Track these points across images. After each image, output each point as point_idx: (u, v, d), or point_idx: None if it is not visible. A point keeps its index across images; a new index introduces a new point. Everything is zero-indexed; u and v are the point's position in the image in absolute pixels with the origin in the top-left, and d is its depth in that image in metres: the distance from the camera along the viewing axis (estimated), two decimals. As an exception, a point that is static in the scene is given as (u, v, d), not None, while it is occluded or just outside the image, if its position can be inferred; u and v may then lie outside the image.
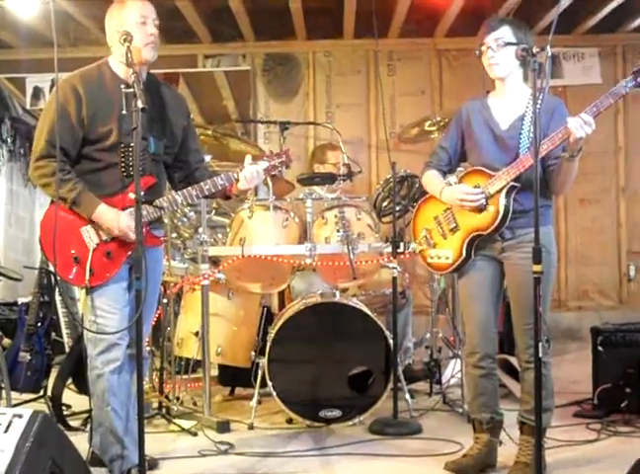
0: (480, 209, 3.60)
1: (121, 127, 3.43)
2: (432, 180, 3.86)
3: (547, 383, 3.57)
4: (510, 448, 3.80)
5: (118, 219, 3.40)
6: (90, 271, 3.40)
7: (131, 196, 3.31)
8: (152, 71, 3.69)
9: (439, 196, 3.77)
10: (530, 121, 3.52)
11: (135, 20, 3.47)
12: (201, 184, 3.57)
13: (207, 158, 4.35)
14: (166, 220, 4.88)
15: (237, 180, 3.61)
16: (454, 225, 3.71)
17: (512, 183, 3.50)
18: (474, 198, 3.58)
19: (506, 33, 3.58)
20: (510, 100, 3.67)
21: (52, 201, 3.46)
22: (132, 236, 3.30)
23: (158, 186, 3.56)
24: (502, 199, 3.52)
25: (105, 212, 3.41)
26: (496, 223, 3.55)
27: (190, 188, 3.57)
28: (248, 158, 3.69)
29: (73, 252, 3.41)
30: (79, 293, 3.67)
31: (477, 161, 3.70)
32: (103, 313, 3.43)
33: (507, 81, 3.66)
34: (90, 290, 3.42)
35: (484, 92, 3.82)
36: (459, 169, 3.96)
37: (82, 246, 3.42)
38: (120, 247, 3.47)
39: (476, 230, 3.62)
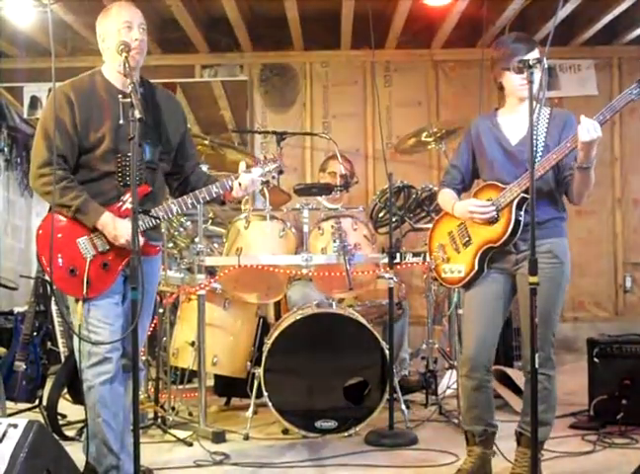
0: (491, 222, 3.60)
1: (115, 134, 3.42)
2: (445, 197, 3.87)
3: (550, 397, 3.56)
4: (503, 462, 3.79)
5: (121, 227, 3.39)
6: (87, 282, 3.39)
7: (128, 205, 3.31)
8: (150, 81, 3.69)
9: (451, 210, 3.78)
10: (542, 134, 3.54)
11: (119, 26, 3.43)
12: (197, 192, 3.57)
13: (205, 168, 4.35)
14: (163, 229, 4.88)
15: (232, 188, 3.61)
16: (467, 239, 3.70)
17: (522, 194, 3.49)
18: (484, 210, 3.58)
19: (538, 54, 3.54)
20: (520, 116, 3.65)
21: (50, 211, 3.45)
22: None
23: (153, 194, 3.54)
24: (513, 211, 3.52)
25: (109, 221, 3.39)
26: (507, 235, 3.54)
27: (185, 196, 3.57)
28: (242, 165, 3.69)
29: (70, 263, 3.40)
30: (72, 304, 3.66)
31: (489, 177, 3.70)
32: (94, 328, 3.41)
33: (526, 100, 3.64)
34: (84, 302, 3.41)
35: (493, 108, 3.83)
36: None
37: (79, 257, 3.40)
38: (117, 257, 3.45)
39: (488, 242, 3.61)
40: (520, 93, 3.61)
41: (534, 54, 3.52)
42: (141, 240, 3.30)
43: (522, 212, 3.52)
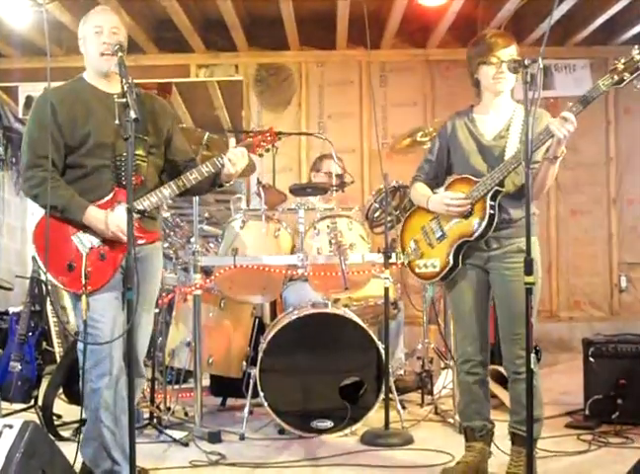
0: (466, 216, 3.61)
1: (101, 131, 3.46)
2: (418, 191, 3.89)
3: (536, 393, 3.57)
4: (500, 459, 3.80)
5: (107, 219, 3.40)
6: (85, 276, 3.39)
7: (123, 206, 3.32)
8: (146, 80, 3.70)
9: (425, 204, 3.79)
10: (517, 130, 3.57)
11: (92, 31, 3.52)
12: (187, 173, 3.57)
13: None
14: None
15: (223, 165, 3.60)
16: (441, 233, 3.72)
17: (496, 187, 3.52)
18: (460, 203, 3.60)
19: (515, 50, 3.58)
20: (495, 112, 3.70)
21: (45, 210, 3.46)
22: (123, 236, 3.30)
23: (145, 185, 3.55)
24: (487, 204, 3.54)
25: (94, 214, 3.41)
26: (482, 228, 3.55)
27: (176, 179, 3.57)
28: (232, 142, 3.69)
29: (67, 259, 3.40)
30: (70, 303, 3.68)
31: (463, 171, 3.71)
32: (94, 322, 3.41)
33: (502, 95, 3.67)
34: (86, 296, 3.40)
35: (468, 105, 3.84)
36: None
37: (75, 252, 3.42)
38: (114, 249, 3.46)
39: (462, 236, 3.62)
40: (495, 86, 3.65)
41: (512, 50, 3.57)
42: (134, 217, 3.31)
43: (496, 205, 3.54)
